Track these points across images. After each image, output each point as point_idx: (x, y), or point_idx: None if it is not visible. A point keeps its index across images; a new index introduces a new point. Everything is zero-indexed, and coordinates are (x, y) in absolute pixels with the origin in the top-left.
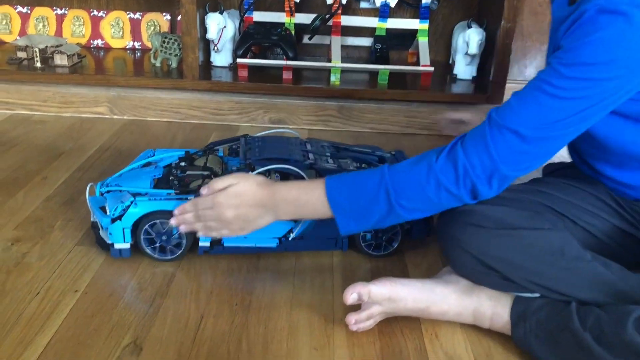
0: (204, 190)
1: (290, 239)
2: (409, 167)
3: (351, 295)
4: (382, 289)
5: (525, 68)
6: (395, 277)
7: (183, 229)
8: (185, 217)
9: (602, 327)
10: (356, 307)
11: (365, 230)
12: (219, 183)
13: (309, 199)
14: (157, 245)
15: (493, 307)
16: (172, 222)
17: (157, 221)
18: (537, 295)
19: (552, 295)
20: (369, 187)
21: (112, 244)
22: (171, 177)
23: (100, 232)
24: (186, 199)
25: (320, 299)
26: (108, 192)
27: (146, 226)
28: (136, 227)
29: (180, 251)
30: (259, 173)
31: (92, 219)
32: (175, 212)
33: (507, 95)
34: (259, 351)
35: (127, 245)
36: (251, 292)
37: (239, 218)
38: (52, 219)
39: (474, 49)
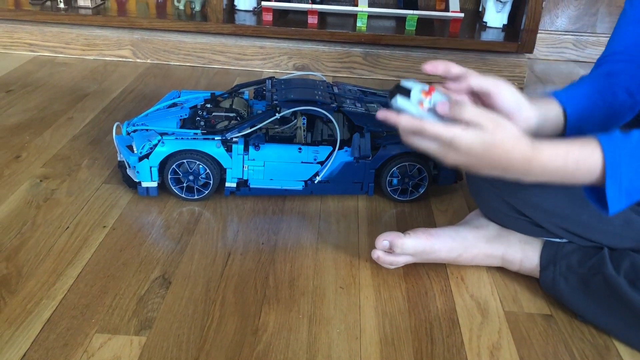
0: (443, 108)
1: (316, 181)
2: None
3: (383, 242)
4: (417, 243)
5: (557, 18)
6: (428, 229)
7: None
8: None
9: (638, 272)
10: None
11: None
12: (469, 112)
13: (576, 169)
14: (184, 184)
15: (523, 251)
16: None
17: (184, 161)
18: (566, 240)
19: (582, 242)
20: None
21: (140, 183)
22: (197, 118)
23: (128, 170)
24: (212, 139)
25: (345, 241)
26: (135, 131)
27: (173, 165)
28: (163, 166)
29: (208, 191)
30: (284, 115)
31: (118, 158)
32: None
33: (538, 45)
34: (286, 287)
35: (154, 184)
36: (277, 232)
37: (471, 165)
38: (78, 158)
39: None
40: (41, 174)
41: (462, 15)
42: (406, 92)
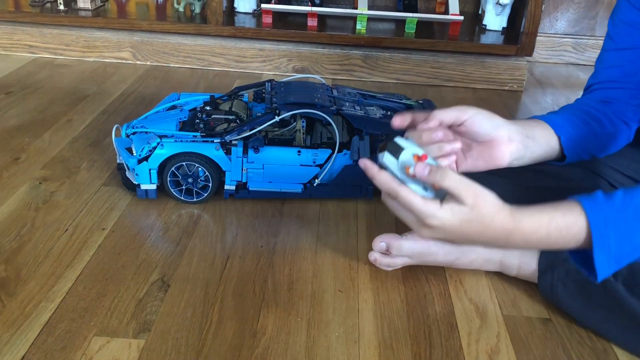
0: (423, 171)
1: (315, 184)
2: None
3: (380, 243)
4: (414, 244)
5: (557, 21)
6: None
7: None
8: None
9: (636, 278)
10: None
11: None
12: (449, 180)
13: (560, 237)
14: (183, 187)
15: (521, 256)
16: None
17: (184, 163)
18: None
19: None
20: None
21: (139, 185)
22: (197, 121)
23: (127, 173)
24: (212, 141)
25: (344, 244)
26: (134, 133)
27: (172, 168)
28: (162, 169)
29: (206, 194)
30: (283, 118)
31: (118, 161)
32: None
33: (537, 48)
34: (285, 290)
35: (153, 187)
36: (276, 235)
37: (447, 240)
38: (78, 160)
39: None
40: (40, 176)
41: (461, 18)
42: (397, 151)
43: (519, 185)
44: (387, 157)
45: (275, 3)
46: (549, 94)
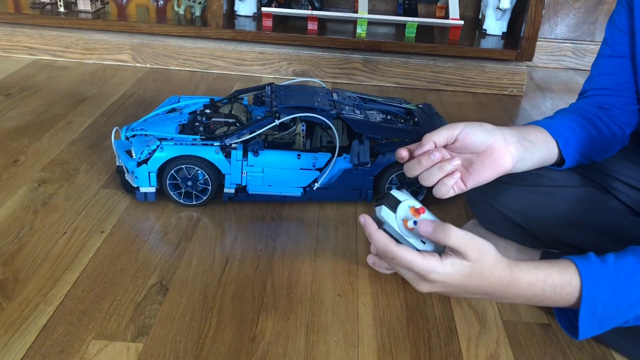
0: (426, 229)
1: (314, 188)
2: None
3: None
4: None
5: (557, 26)
6: None
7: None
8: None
9: None
10: None
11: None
12: (454, 238)
13: (553, 294)
14: (183, 190)
15: None
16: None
17: (183, 166)
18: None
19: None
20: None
21: (138, 188)
22: (196, 124)
23: (126, 175)
24: (211, 145)
25: (344, 248)
26: (133, 136)
27: (172, 171)
28: (162, 172)
29: (206, 197)
30: (283, 121)
31: (117, 163)
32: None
33: (537, 52)
34: (284, 295)
35: (152, 189)
36: (275, 238)
37: (445, 293)
38: (77, 162)
39: (506, 3)
40: (39, 178)
41: (461, 22)
42: (394, 204)
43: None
44: (384, 212)
45: (275, 6)
46: (549, 98)
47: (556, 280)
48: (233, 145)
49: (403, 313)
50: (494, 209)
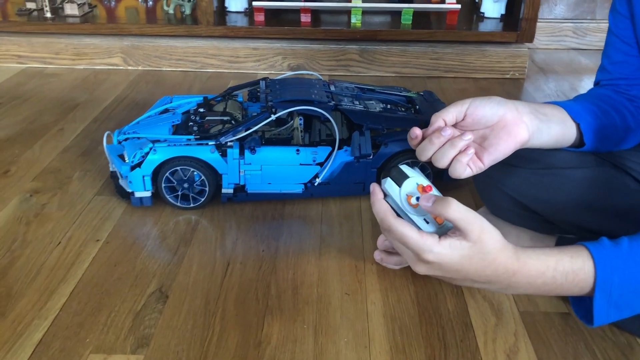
0: (427, 202)
1: (316, 184)
2: None
3: (385, 242)
4: None
5: (556, 5)
6: None
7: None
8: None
9: None
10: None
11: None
12: (454, 211)
13: (565, 282)
14: (179, 193)
15: None
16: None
17: (178, 168)
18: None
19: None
20: None
21: (133, 193)
22: (190, 123)
23: (120, 181)
24: (206, 144)
25: (349, 245)
26: (126, 139)
27: (167, 174)
28: (156, 175)
29: (203, 199)
30: (279, 116)
31: (110, 168)
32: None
33: (537, 34)
34: (289, 296)
35: (147, 194)
36: (277, 238)
37: (444, 279)
38: (70, 170)
39: None
40: (31, 188)
41: (459, 6)
42: (401, 179)
43: (531, 169)
44: (389, 184)
45: (266, 0)
46: (552, 80)
47: (568, 267)
48: (229, 144)
49: (415, 309)
50: (503, 193)
